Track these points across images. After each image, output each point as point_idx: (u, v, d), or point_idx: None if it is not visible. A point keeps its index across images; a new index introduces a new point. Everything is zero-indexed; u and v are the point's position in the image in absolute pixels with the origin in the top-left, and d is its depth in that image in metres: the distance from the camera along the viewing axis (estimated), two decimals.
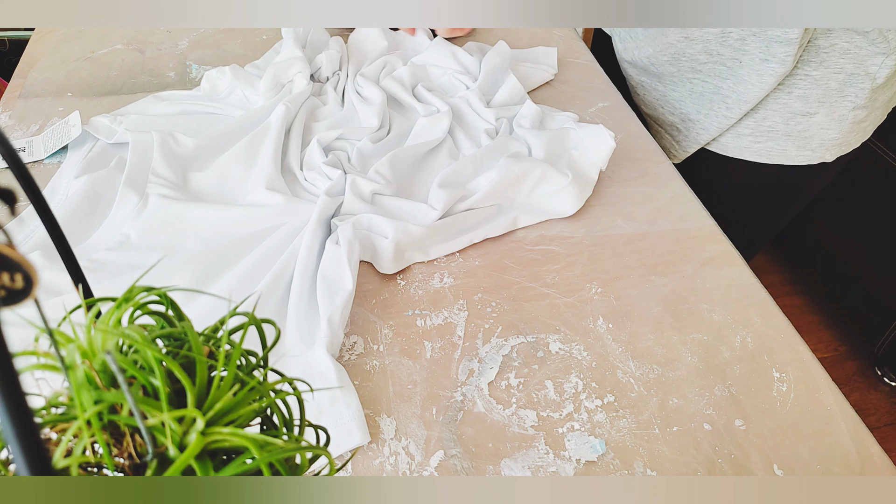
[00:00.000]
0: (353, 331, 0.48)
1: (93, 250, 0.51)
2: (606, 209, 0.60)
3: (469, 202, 0.57)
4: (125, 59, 0.76)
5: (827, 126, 0.70)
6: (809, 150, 0.73)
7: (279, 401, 0.21)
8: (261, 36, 0.82)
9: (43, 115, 0.66)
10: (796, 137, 0.72)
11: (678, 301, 0.52)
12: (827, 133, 0.71)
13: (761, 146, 0.74)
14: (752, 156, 0.75)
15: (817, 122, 0.70)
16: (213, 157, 0.60)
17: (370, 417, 0.43)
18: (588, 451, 0.42)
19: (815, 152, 0.73)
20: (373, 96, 0.68)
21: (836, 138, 0.71)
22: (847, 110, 0.69)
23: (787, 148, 0.73)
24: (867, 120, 0.71)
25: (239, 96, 0.69)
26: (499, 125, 0.66)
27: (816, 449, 0.43)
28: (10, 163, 0.19)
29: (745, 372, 0.48)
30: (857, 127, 0.71)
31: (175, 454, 0.18)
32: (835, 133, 0.71)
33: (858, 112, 0.69)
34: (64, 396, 0.19)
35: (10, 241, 0.14)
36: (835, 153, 0.73)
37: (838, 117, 0.69)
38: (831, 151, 0.73)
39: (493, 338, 0.49)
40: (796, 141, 0.72)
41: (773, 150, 0.74)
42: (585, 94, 0.76)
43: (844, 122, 0.70)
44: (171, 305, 0.21)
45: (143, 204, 0.54)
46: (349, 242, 0.50)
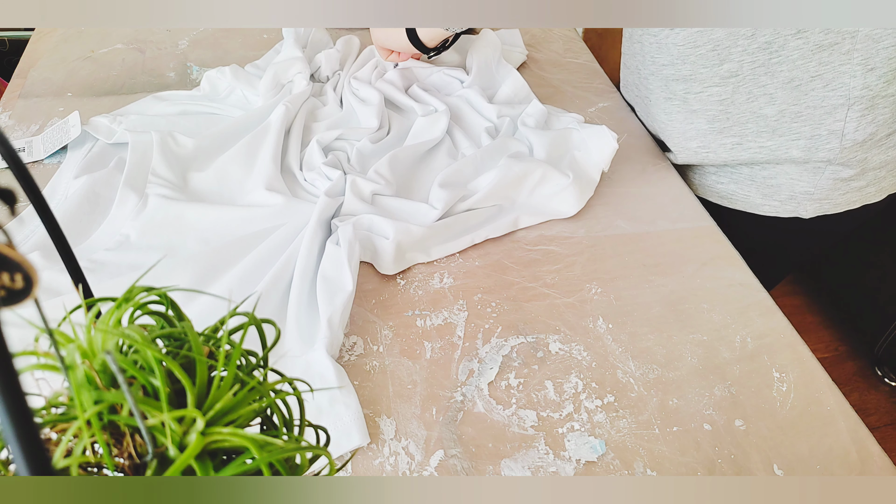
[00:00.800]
0: (353, 331, 0.48)
1: (92, 250, 0.51)
2: (606, 209, 0.60)
3: (470, 202, 0.57)
4: (125, 59, 0.76)
5: (798, 177, 0.62)
6: (777, 200, 0.64)
7: (279, 401, 0.21)
8: (261, 36, 0.82)
9: (43, 115, 0.66)
10: (761, 184, 0.64)
11: (678, 301, 0.52)
12: (798, 185, 0.62)
13: (723, 188, 0.67)
14: (714, 198, 0.69)
15: (786, 171, 0.62)
16: (212, 158, 0.60)
17: (370, 418, 0.43)
18: (588, 451, 0.42)
19: (785, 204, 0.64)
20: (370, 97, 0.68)
21: (809, 192, 0.62)
22: (821, 163, 0.60)
23: (750, 194, 0.66)
24: (861, 180, 0.62)
25: (239, 96, 0.69)
26: (501, 123, 0.66)
27: (816, 449, 0.43)
28: (10, 163, 0.19)
29: (745, 372, 0.48)
30: (844, 185, 0.62)
31: (175, 454, 0.18)
32: (807, 186, 0.62)
33: (839, 169, 0.60)
34: (64, 396, 0.19)
35: (10, 241, 0.14)
36: (812, 210, 0.64)
37: (811, 169, 0.61)
38: (805, 206, 0.63)
39: (493, 338, 0.49)
40: (761, 188, 0.65)
41: (736, 194, 0.67)
42: (585, 94, 0.76)
43: (820, 176, 0.61)
44: (171, 305, 0.21)
45: (143, 204, 0.54)
46: (349, 243, 0.50)
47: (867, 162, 0.60)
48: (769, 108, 0.58)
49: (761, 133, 0.60)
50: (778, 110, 0.58)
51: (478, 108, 0.69)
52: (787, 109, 0.57)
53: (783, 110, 0.58)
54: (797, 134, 0.59)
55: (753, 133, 0.60)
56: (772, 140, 0.60)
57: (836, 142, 0.58)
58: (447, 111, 0.66)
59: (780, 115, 0.58)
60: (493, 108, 0.67)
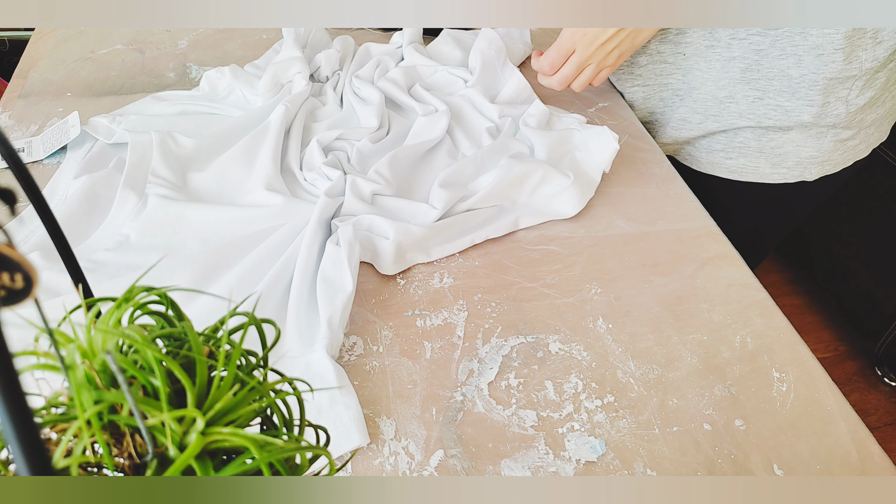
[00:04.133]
0: (353, 331, 0.48)
1: (92, 251, 0.51)
2: (606, 209, 0.61)
3: (470, 202, 0.57)
4: (125, 59, 0.76)
5: (802, 143, 0.67)
6: (785, 167, 0.69)
7: (279, 401, 0.21)
8: (261, 36, 0.82)
9: (42, 116, 0.66)
10: (769, 154, 0.69)
11: (678, 301, 0.52)
12: (804, 150, 0.67)
13: (733, 162, 0.71)
14: (724, 172, 0.72)
15: (792, 139, 0.67)
16: (212, 158, 0.60)
17: (370, 418, 0.43)
18: (588, 451, 0.42)
19: (792, 170, 0.69)
20: (371, 96, 0.68)
21: (814, 156, 0.67)
22: (825, 128, 0.65)
23: (759, 165, 0.70)
24: (855, 139, 0.67)
25: (238, 96, 0.69)
26: (502, 123, 0.66)
27: (816, 449, 0.43)
28: (10, 163, 0.19)
29: (745, 372, 0.48)
30: (842, 146, 0.67)
31: (175, 454, 0.18)
32: (812, 151, 0.67)
33: (840, 131, 0.66)
34: (64, 396, 0.19)
35: (10, 241, 0.14)
36: (816, 172, 0.69)
37: (815, 134, 0.66)
38: (811, 170, 0.69)
39: (493, 338, 0.49)
40: (770, 158, 0.69)
41: (746, 167, 0.71)
42: (585, 94, 0.76)
43: (823, 140, 0.66)
44: (171, 305, 0.21)
45: (143, 204, 0.54)
46: (349, 243, 0.50)
47: (863, 122, 0.66)
48: (795, 70, 0.61)
49: (782, 92, 0.63)
50: (801, 73, 0.61)
51: (480, 107, 0.69)
52: (808, 76, 0.61)
53: (805, 75, 0.61)
54: (811, 101, 0.63)
55: (776, 91, 0.64)
56: (790, 101, 0.63)
57: (842, 108, 0.62)
58: (447, 111, 0.66)
59: (801, 78, 0.61)
60: (495, 108, 0.67)
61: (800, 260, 1.59)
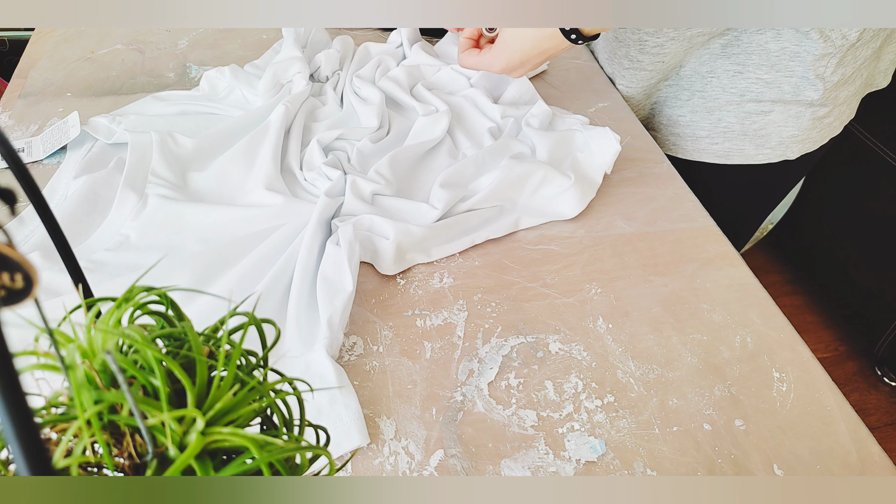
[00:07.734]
0: (353, 331, 0.48)
1: (92, 251, 0.51)
2: (606, 209, 0.61)
3: (470, 202, 0.57)
4: (125, 60, 0.76)
5: (783, 123, 0.70)
6: (768, 148, 0.72)
7: (279, 401, 0.21)
8: (261, 36, 0.82)
9: (42, 116, 0.66)
10: (753, 136, 0.72)
11: (678, 301, 0.52)
12: (785, 130, 0.71)
13: (718, 147, 0.74)
14: (710, 158, 0.75)
15: (773, 120, 0.70)
16: (212, 158, 0.60)
17: (370, 418, 0.43)
18: (588, 451, 0.42)
19: (775, 150, 0.73)
20: (371, 96, 0.68)
21: (795, 135, 0.71)
22: (804, 107, 0.69)
23: (744, 147, 0.73)
24: (830, 116, 0.71)
25: (238, 96, 0.69)
26: (504, 123, 0.66)
27: (816, 449, 0.43)
28: (10, 163, 0.19)
29: (745, 372, 0.48)
30: (819, 123, 0.71)
31: (175, 454, 0.18)
32: (793, 130, 0.71)
33: (817, 109, 0.69)
34: (64, 396, 0.19)
35: (10, 241, 0.14)
36: (797, 150, 0.73)
37: (795, 114, 0.69)
38: (792, 149, 0.73)
39: (493, 338, 0.49)
40: (753, 140, 0.72)
41: (731, 150, 0.74)
42: (585, 94, 0.76)
43: (802, 119, 0.70)
44: (171, 305, 0.21)
45: (143, 204, 0.54)
46: (349, 243, 0.50)
47: (837, 99, 0.69)
48: (774, 44, 0.65)
49: (761, 66, 0.67)
50: (780, 47, 0.65)
51: (482, 108, 0.69)
52: (788, 48, 0.65)
53: (785, 48, 0.65)
54: (791, 72, 0.66)
55: (755, 65, 0.67)
56: (769, 74, 0.67)
57: (819, 84, 0.66)
58: (448, 111, 0.66)
59: (781, 51, 0.65)
60: (497, 108, 0.67)
61: (800, 260, 1.59)
